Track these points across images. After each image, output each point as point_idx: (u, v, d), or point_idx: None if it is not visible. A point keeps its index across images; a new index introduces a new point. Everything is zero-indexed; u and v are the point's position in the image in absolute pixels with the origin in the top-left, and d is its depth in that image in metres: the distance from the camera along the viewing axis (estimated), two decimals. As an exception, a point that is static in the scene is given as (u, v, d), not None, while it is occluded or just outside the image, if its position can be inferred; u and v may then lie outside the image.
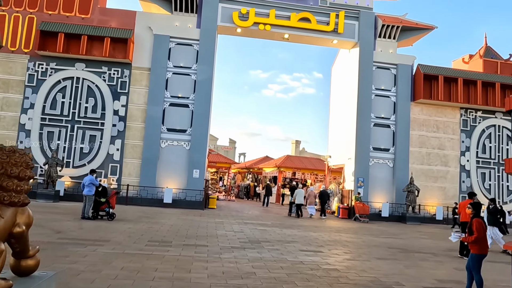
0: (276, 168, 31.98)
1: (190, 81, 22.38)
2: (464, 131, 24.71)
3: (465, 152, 24.52)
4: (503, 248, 12.35)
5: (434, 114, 24.52)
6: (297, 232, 14.42)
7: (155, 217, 16.02)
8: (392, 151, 23.74)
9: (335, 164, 26.61)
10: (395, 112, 24.01)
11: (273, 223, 16.96)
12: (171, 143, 21.87)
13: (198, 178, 21.50)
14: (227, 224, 15.22)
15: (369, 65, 23.85)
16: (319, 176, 33.29)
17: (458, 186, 24.23)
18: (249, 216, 19.29)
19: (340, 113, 26.43)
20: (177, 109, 22.14)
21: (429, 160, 24.12)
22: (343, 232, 15.65)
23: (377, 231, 17.07)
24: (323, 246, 11.41)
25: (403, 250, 11.83)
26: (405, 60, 24.29)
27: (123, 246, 9.30)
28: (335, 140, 27.03)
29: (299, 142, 66.70)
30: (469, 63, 26.61)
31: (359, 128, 23.27)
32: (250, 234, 12.96)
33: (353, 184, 22.96)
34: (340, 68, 27.30)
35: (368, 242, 13.16)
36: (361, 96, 23.52)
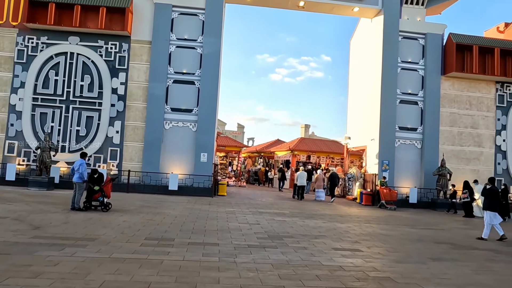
0: (289, 152, 29.87)
1: (196, 55, 20.17)
2: (500, 107, 22.24)
3: (501, 131, 22.10)
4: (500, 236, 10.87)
5: (466, 89, 22.05)
6: (322, 223, 12.38)
7: (158, 206, 14.10)
8: (420, 130, 21.41)
9: (355, 146, 24.38)
10: (423, 88, 21.59)
11: (292, 212, 14.95)
12: (176, 124, 19.83)
13: (206, 163, 19.52)
14: (239, 214, 13.24)
15: (395, 35, 21.35)
16: (335, 160, 31.12)
17: (493, 168, 21.90)
18: (264, 204, 17.31)
19: (360, 90, 24.07)
20: (182, 86, 20.01)
21: (460, 141, 21.77)
22: (373, 222, 13.57)
23: (410, 220, 14.97)
24: (359, 243, 9.35)
25: (455, 246, 9.72)
26: (435, 28, 21.72)
27: (112, 247, 7.34)
28: (354, 120, 24.74)
29: (308, 126, 64.70)
30: (504, 32, 23.96)
31: (384, 105, 20.95)
32: (268, 226, 10.96)
33: (377, 168, 20.78)
34: (360, 41, 24.80)
35: (408, 235, 11.07)
36: (386, 70, 21.11)
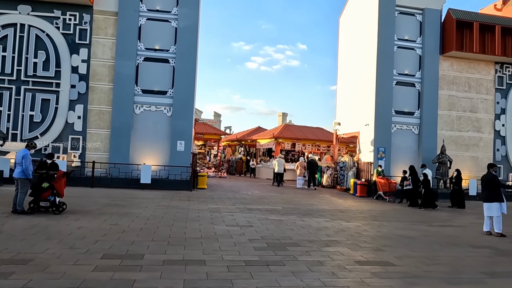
0: (273, 139, 27.81)
1: (170, 29, 17.63)
2: (499, 90, 20.83)
3: (500, 115, 20.74)
4: None
5: (465, 70, 20.49)
6: (325, 222, 10.38)
7: (127, 204, 11.73)
8: (417, 114, 19.74)
9: (345, 132, 22.54)
10: (420, 68, 19.86)
11: (285, 208, 12.89)
12: (148, 108, 17.33)
13: (184, 152, 17.18)
14: (226, 213, 11.06)
15: (391, 9, 19.42)
16: (322, 147, 29.33)
17: (492, 155, 20.56)
18: (251, 198, 15.20)
19: (352, 71, 22.13)
20: (154, 65, 17.47)
21: (459, 125, 20.27)
22: (381, 219, 11.70)
23: (419, 215, 13.23)
24: (382, 250, 7.38)
25: (497, 251, 7.90)
26: (433, 3, 19.92)
27: (50, 274, 5.04)
28: (345, 105, 22.83)
29: (286, 114, 63.50)
30: (502, 10, 22.50)
31: (380, 87, 19.08)
32: (263, 230, 8.85)
33: (372, 156, 19.00)
34: (351, 17, 22.78)
35: (432, 236, 9.22)
36: (382, 49, 19.21)
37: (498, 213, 9.58)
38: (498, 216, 9.58)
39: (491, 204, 9.72)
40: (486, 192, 9.94)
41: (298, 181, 21.21)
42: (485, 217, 9.89)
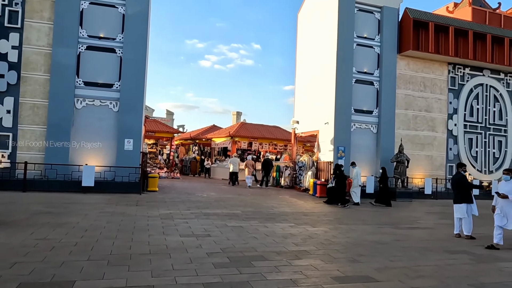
0: (229, 138, 26.71)
1: (117, 15, 15.98)
2: (452, 90, 21.25)
3: (452, 115, 21.15)
4: None
5: (421, 69, 20.66)
6: (290, 227, 9.49)
7: (64, 212, 10.13)
8: (375, 113, 19.56)
9: (304, 131, 21.96)
10: (379, 66, 19.71)
11: (245, 211, 11.88)
12: (91, 103, 15.57)
13: (132, 151, 15.63)
14: (180, 219, 9.83)
15: (351, 6, 19.07)
16: (279, 146, 28.68)
17: (445, 154, 20.92)
18: (207, 201, 14.03)
19: (311, 68, 21.58)
20: (99, 54, 15.75)
21: (415, 125, 20.39)
22: (348, 222, 11.04)
23: (384, 216, 12.78)
24: (358, 261, 6.58)
25: (472, 256, 7.41)
26: (391, 2, 19.85)
27: None
28: (304, 102, 22.24)
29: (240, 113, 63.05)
30: (454, 12, 23.02)
31: (339, 84, 18.64)
32: (223, 239, 7.76)
33: (331, 155, 18.52)
34: (310, 13, 22.23)
35: (404, 240, 8.62)
36: (341, 46, 18.77)
37: (467, 214, 9.21)
38: (467, 218, 9.22)
39: (460, 205, 9.35)
40: (456, 193, 9.56)
41: (247, 180, 21.17)
42: (454, 218, 9.50)
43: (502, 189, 8.31)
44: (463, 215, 9.25)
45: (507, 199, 8.09)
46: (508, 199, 8.07)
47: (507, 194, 8.10)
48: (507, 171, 8.59)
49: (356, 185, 15.73)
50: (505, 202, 8.17)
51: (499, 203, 8.32)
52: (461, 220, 9.34)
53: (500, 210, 8.24)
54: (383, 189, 15.99)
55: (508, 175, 8.44)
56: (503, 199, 8.17)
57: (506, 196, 8.10)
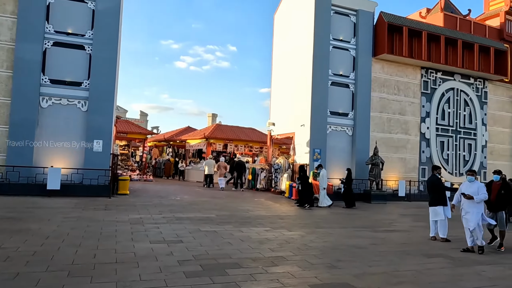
0: (204, 140, 26.23)
1: (86, 10, 15.29)
2: (424, 94, 21.61)
3: (425, 118, 21.50)
4: None
5: (395, 73, 20.90)
6: (266, 232, 9.20)
7: (25, 217, 9.45)
8: (351, 116, 19.61)
9: (280, 133, 21.78)
10: (354, 69, 19.79)
11: (220, 215, 11.50)
12: (58, 102, 14.80)
13: (102, 153, 14.96)
14: (150, 224, 9.36)
15: (327, 9, 19.06)
16: (254, 148, 28.42)
17: (418, 156, 21.23)
18: (180, 204, 13.56)
19: (287, 70, 21.44)
20: (67, 51, 15.01)
21: (389, 127, 20.59)
22: (324, 225, 10.87)
23: (360, 218, 12.70)
24: (336, 267, 6.36)
25: (450, 259, 7.34)
26: (366, 5, 20.00)
27: None
28: (280, 104, 22.06)
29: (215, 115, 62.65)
30: (426, 17, 23.48)
31: (316, 87, 18.58)
32: (195, 245, 7.38)
33: (307, 157, 18.40)
34: (286, 14, 22.11)
35: (381, 244, 8.49)
36: (318, 48, 18.72)
37: (443, 216, 9.20)
38: (443, 220, 9.21)
39: (435, 208, 9.34)
40: (431, 196, 9.55)
41: (220, 182, 20.65)
42: (430, 221, 9.48)
43: (467, 190, 8.24)
44: (439, 217, 9.24)
45: (472, 199, 8.02)
46: (473, 200, 8.00)
47: (472, 195, 8.03)
48: (471, 172, 8.61)
49: (324, 186, 15.63)
50: (469, 202, 8.09)
51: (463, 204, 8.24)
52: (437, 223, 9.33)
53: (465, 212, 8.19)
54: (347, 190, 15.97)
55: (472, 176, 8.46)
56: (468, 199, 8.08)
57: (471, 197, 8.03)
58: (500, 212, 8.63)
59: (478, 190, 8.10)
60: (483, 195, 8.05)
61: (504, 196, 8.67)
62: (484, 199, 8.15)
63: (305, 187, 15.11)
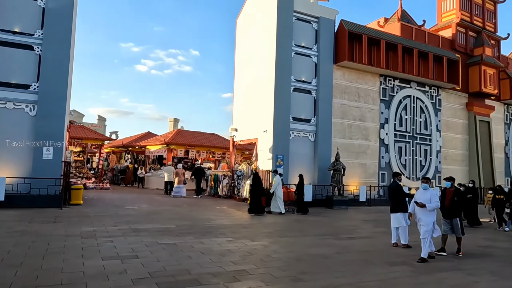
0: (165, 146, 25.47)
1: (35, 8, 14.32)
2: (383, 101, 22.19)
3: (384, 125, 22.06)
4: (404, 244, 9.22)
5: (355, 80, 21.31)
6: (228, 243, 8.84)
7: (-42, 234, 8.51)
8: (313, 122, 19.72)
9: (243, 139, 21.52)
10: (316, 76, 19.96)
11: (180, 226, 11.00)
12: (3, 105, 13.71)
13: (53, 160, 13.99)
14: (103, 238, 8.72)
15: (289, 15, 19.14)
16: (217, 154, 27.97)
17: (378, 162, 21.70)
18: (138, 214, 12.90)
19: (250, 75, 21.26)
20: (13, 51, 13.95)
21: (350, 133, 20.91)
22: (288, 234, 10.67)
23: (323, 226, 12.64)
24: (302, 280, 6.13)
25: (412, 267, 7.33)
26: (328, 13, 20.29)
27: None
28: (242, 110, 21.82)
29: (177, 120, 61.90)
30: (384, 27, 24.20)
31: (278, 92, 18.53)
32: (152, 260, 6.90)
33: (270, 163, 18.25)
34: (249, 19, 21.98)
35: (345, 253, 8.38)
36: (280, 53, 18.71)
37: (404, 223, 9.27)
38: (404, 227, 9.28)
39: (396, 215, 9.40)
40: (392, 202, 9.61)
41: (177, 189, 20.13)
42: (392, 228, 9.52)
43: (420, 197, 8.13)
44: (400, 224, 9.30)
45: (424, 208, 7.95)
46: (426, 208, 7.93)
47: (424, 203, 7.94)
48: (425, 179, 8.50)
49: (276, 193, 15.46)
50: (422, 210, 8.04)
51: (416, 212, 8.18)
52: (398, 229, 9.38)
53: (419, 220, 8.13)
54: (299, 196, 15.92)
55: (426, 183, 8.35)
56: (421, 207, 8.00)
57: (424, 205, 7.95)
58: (455, 219, 8.73)
59: (431, 198, 8.00)
60: (435, 204, 7.95)
61: (457, 203, 8.79)
62: (436, 207, 8.03)
63: (257, 194, 14.86)
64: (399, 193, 9.53)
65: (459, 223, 8.74)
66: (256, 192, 14.88)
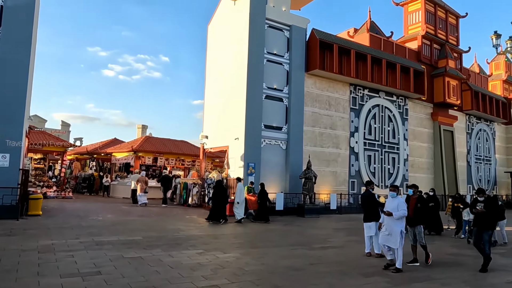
0: (132, 153, 24.62)
1: (-7, 6, 13.43)
2: (353, 109, 22.48)
3: (354, 133, 22.32)
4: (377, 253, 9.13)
5: (326, 88, 21.48)
6: (198, 255, 8.44)
7: None
8: (285, 130, 19.64)
9: (214, 146, 21.11)
10: (288, 83, 19.94)
11: (147, 237, 10.47)
12: (-46, 109, 12.69)
13: (9, 168, 13.06)
14: (63, 252, 8.10)
15: (261, 22, 19.07)
16: (187, 162, 27.36)
17: (348, 170, 21.87)
18: (102, 225, 12.22)
19: (221, 82, 20.96)
20: (-33, 50, 12.98)
21: (321, 141, 20.99)
22: (259, 244, 10.38)
23: (296, 235, 12.44)
24: (276, 294, 5.85)
25: (393, 281, 7.23)
26: (299, 22, 20.40)
27: None
28: (213, 117, 21.43)
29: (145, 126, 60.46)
30: (354, 37, 24.61)
31: (249, 100, 18.34)
32: (116, 277, 6.41)
33: (242, 171, 17.95)
34: (221, 26, 21.73)
35: (318, 264, 8.19)
36: (252, 60, 18.57)
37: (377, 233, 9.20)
38: (377, 236, 9.20)
39: (369, 224, 9.32)
40: (365, 211, 9.53)
41: (139, 198, 19.66)
42: (365, 237, 9.44)
43: (388, 206, 7.94)
44: (373, 233, 9.23)
45: (391, 216, 7.77)
46: (393, 216, 7.74)
47: (391, 212, 7.76)
48: (393, 187, 8.34)
49: (238, 201, 15.20)
50: (390, 219, 7.84)
51: (385, 220, 8.04)
52: (371, 238, 9.31)
53: (386, 228, 7.96)
54: (261, 205, 15.68)
55: (394, 191, 8.19)
56: (388, 216, 7.85)
57: (390, 213, 7.75)
58: (418, 226, 8.58)
59: (398, 206, 7.83)
60: (402, 211, 7.76)
61: (420, 210, 8.65)
62: (403, 216, 7.84)
63: (219, 201, 14.57)
64: (372, 202, 9.48)
65: (422, 230, 8.63)
66: (218, 200, 14.59)
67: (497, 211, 8.17)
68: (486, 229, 8.09)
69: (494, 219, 8.30)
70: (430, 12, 27.48)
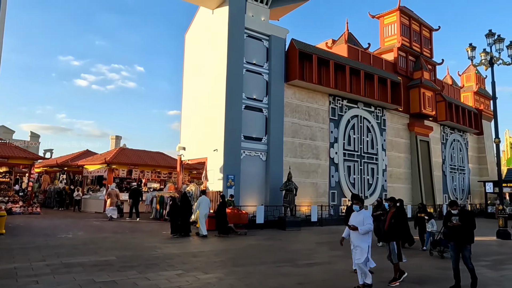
0: (105, 165, 23.59)
1: (-47, 9, 12.51)
2: (332, 120, 22.39)
3: (333, 144, 22.18)
4: None
5: (306, 99, 21.31)
6: (177, 277, 7.83)
7: None
8: (265, 141, 19.26)
9: (192, 158, 20.46)
10: (267, 94, 19.64)
11: (120, 257, 9.73)
12: None
13: (-32, 183, 12.01)
14: (26, 278, 7.31)
15: (240, 32, 18.76)
16: (163, 174, 26.49)
17: (328, 181, 21.65)
18: (72, 244, 11.37)
19: (199, 92, 20.43)
20: None
21: (301, 152, 20.71)
22: (243, 261, 9.82)
23: (278, 251, 11.95)
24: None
25: (377, 296, 6.83)
26: (278, 32, 20.24)
27: None
28: (191, 128, 20.80)
29: (119, 137, 58.98)
30: (332, 48, 24.70)
31: (229, 110, 17.89)
32: (87, 307, 5.74)
33: (221, 184, 17.39)
34: (198, 35, 21.27)
35: (312, 284, 7.73)
36: (231, 70, 18.18)
37: None
38: None
39: None
40: None
41: (109, 210, 19.14)
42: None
43: (353, 220, 7.34)
44: None
45: (357, 231, 7.16)
46: (358, 231, 7.15)
47: (357, 226, 7.15)
48: (356, 200, 7.62)
49: (201, 215, 14.56)
50: (355, 234, 7.24)
51: (350, 236, 7.45)
52: (359, 254, 8.92)
53: (353, 245, 7.42)
54: (221, 217, 15.03)
55: (357, 205, 7.49)
56: (353, 231, 7.26)
57: (356, 228, 7.15)
58: (391, 243, 8.05)
59: (364, 220, 7.17)
60: (368, 226, 7.16)
61: (394, 225, 8.14)
62: (369, 230, 7.22)
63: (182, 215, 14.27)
64: None
65: (395, 247, 8.03)
66: (182, 213, 14.21)
67: (474, 222, 7.75)
68: (465, 243, 7.56)
69: (472, 231, 7.86)
70: (405, 25, 28.01)
